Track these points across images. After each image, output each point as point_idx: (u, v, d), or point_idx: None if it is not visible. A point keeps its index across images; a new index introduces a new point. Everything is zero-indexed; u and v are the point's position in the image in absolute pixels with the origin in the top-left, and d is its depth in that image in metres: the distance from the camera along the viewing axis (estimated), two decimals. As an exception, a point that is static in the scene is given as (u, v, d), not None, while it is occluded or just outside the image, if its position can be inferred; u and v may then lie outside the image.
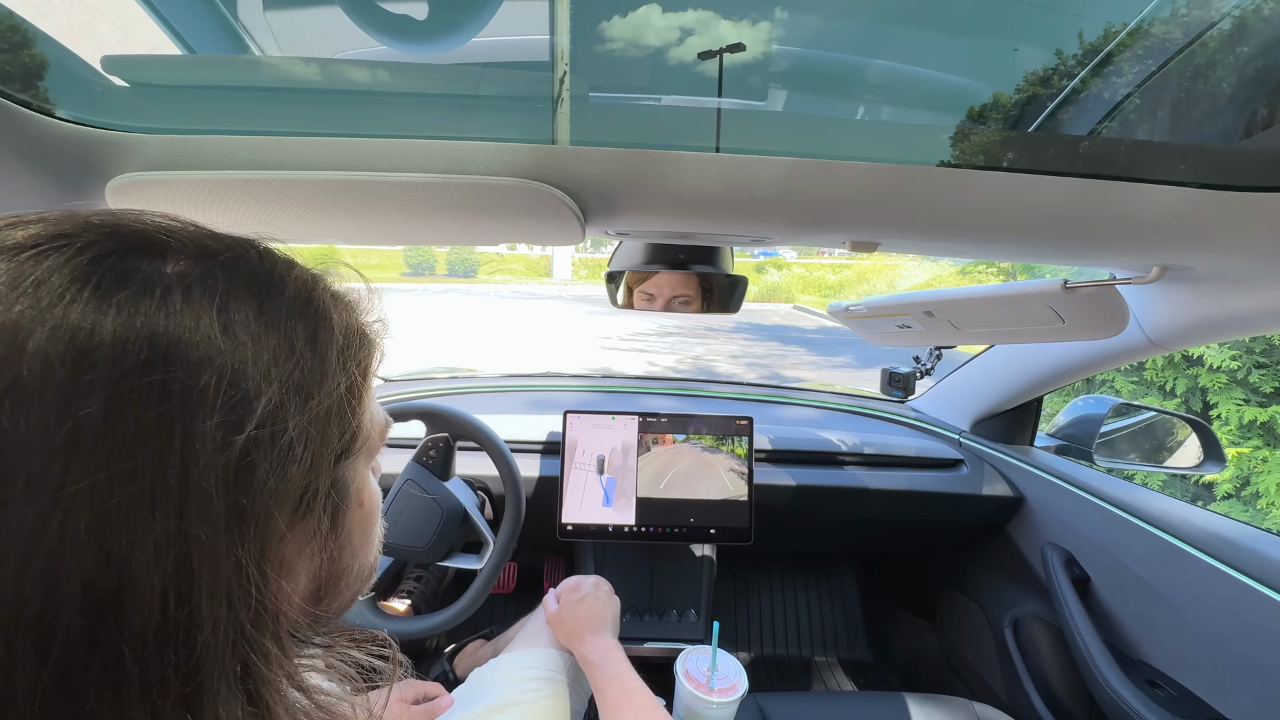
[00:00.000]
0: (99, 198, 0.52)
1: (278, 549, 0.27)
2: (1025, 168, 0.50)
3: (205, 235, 0.28)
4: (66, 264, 0.23)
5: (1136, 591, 0.97)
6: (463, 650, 1.23)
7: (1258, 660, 0.77)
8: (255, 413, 0.25)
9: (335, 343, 0.29)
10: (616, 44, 0.51)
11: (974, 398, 1.38)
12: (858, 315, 1.16)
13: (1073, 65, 0.57)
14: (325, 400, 0.28)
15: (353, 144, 0.49)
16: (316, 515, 0.29)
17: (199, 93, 0.49)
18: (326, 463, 0.29)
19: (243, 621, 0.24)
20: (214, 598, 0.23)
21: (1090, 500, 1.07)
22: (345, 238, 0.72)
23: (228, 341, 0.25)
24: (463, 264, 19.69)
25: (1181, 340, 0.83)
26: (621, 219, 0.60)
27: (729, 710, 0.80)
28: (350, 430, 0.30)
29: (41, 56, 0.45)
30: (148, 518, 0.22)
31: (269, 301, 0.27)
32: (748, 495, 1.17)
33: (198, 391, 0.23)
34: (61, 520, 0.21)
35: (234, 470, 0.24)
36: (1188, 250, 0.60)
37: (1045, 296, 0.79)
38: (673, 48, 0.52)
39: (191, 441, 0.23)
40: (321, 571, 0.31)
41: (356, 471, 0.33)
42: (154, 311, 0.23)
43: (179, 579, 0.23)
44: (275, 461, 0.25)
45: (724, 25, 0.49)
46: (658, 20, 0.49)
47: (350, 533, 0.33)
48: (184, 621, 0.23)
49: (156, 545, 0.22)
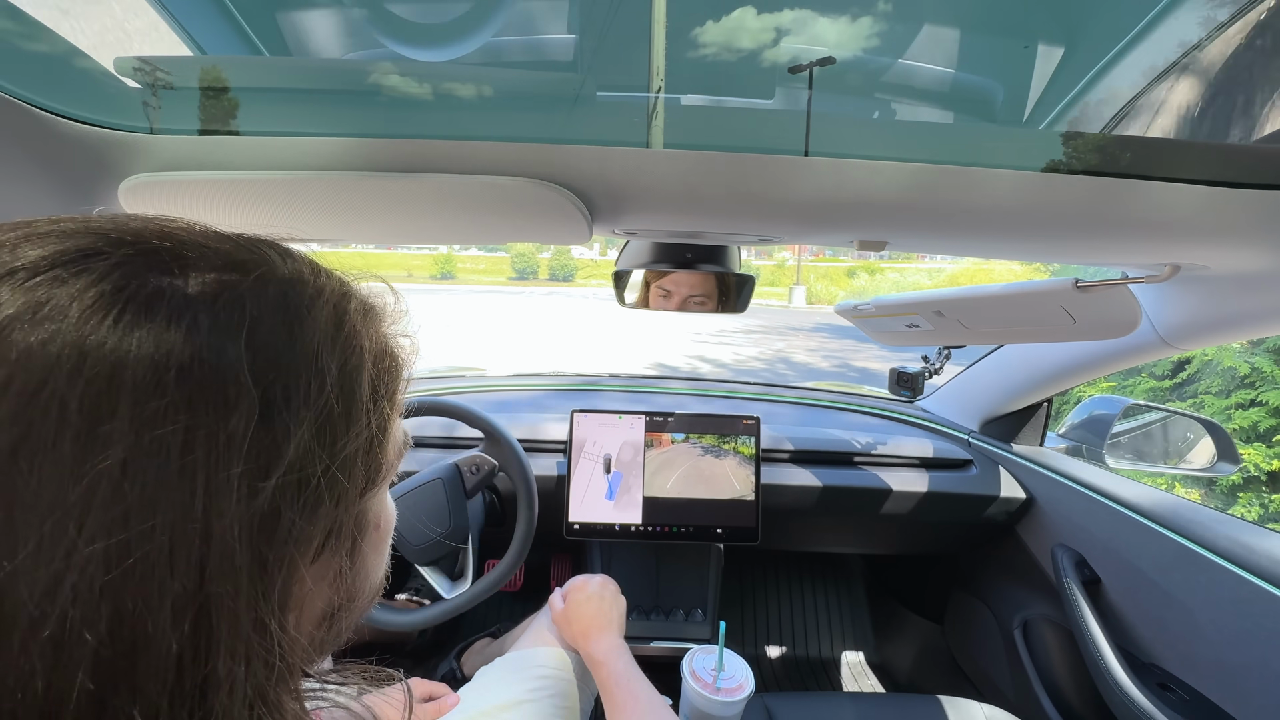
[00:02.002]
0: (112, 198, 0.53)
1: (297, 594, 0.25)
2: (1037, 166, 0.50)
3: (229, 242, 0.26)
4: (87, 289, 0.21)
5: (1148, 594, 0.96)
6: (470, 648, 1.24)
7: (1272, 664, 0.76)
8: (284, 458, 0.23)
9: (366, 372, 0.27)
10: (623, 43, 0.51)
11: (983, 398, 1.37)
12: (866, 314, 1.16)
13: (1085, 63, 0.56)
14: (355, 441, 0.26)
15: (362, 144, 0.49)
16: (339, 553, 0.28)
17: (211, 93, 0.50)
18: (352, 500, 0.27)
19: (260, 680, 0.23)
20: (233, 656, 0.22)
21: (1101, 501, 1.06)
22: (355, 236, 0.72)
23: (256, 375, 0.23)
24: (562, 269, 20.63)
25: (1195, 340, 0.82)
26: (628, 218, 0.60)
27: (735, 710, 0.80)
28: (376, 464, 0.29)
29: (55, 58, 0.46)
30: (166, 577, 0.20)
31: (299, 326, 0.25)
32: (754, 495, 1.17)
33: (225, 436, 0.22)
34: (75, 583, 0.19)
35: (259, 520, 0.22)
36: (1201, 248, 0.59)
37: (1056, 296, 0.79)
38: (681, 46, 0.52)
39: (216, 492, 0.21)
40: (336, 600, 0.29)
41: (377, 499, 0.31)
42: (180, 345, 0.21)
43: (196, 639, 0.21)
44: (301, 507, 0.24)
45: (720, 24, 0.49)
46: (660, 13, 0.49)
47: (366, 558, 0.31)
48: (200, 684, 0.21)
49: (174, 605, 0.20)
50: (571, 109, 0.49)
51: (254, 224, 0.30)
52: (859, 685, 1.64)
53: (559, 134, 0.49)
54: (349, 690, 0.31)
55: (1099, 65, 0.56)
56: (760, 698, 0.99)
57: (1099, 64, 0.56)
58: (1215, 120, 0.54)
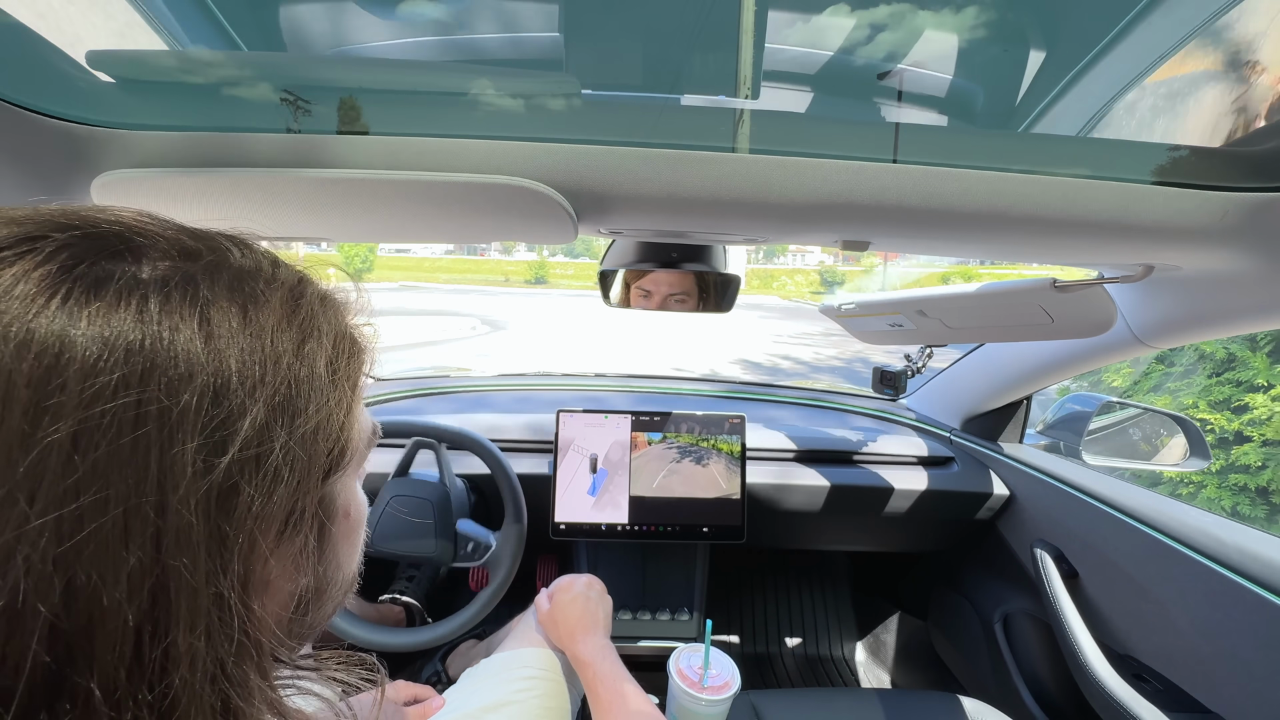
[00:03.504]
0: (84, 194, 0.51)
1: (261, 573, 0.25)
2: (1015, 167, 0.51)
3: (185, 233, 0.26)
4: (33, 271, 0.21)
5: (1124, 587, 0.98)
6: (455, 650, 1.23)
7: (1241, 654, 0.78)
8: (239, 433, 0.23)
9: (324, 352, 0.27)
10: (609, 41, 0.51)
11: (964, 396, 1.39)
12: (850, 314, 1.17)
13: (1063, 67, 0.57)
14: (314, 417, 0.26)
15: (343, 141, 0.48)
16: (303, 535, 0.27)
17: (186, 89, 0.49)
18: (314, 481, 0.27)
19: (222, 655, 0.23)
20: (192, 630, 0.22)
21: (1078, 497, 1.09)
22: (334, 235, 0.71)
23: (210, 355, 0.23)
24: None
25: (1168, 338, 0.84)
26: (613, 218, 0.60)
27: (722, 708, 0.81)
28: (339, 445, 0.29)
29: (26, 51, 0.45)
30: (120, 549, 0.20)
31: (254, 308, 0.25)
32: (740, 493, 1.18)
33: (177, 412, 0.22)
34: (26, 555, 0.19)
35: (216, 495, 0.22)
36: (1174, 250, 0.60)
37: (1035, 295, 0.80)
38: (668, 45, 0.52)
39: (170, 466, 0.21)
40: (305, 587, 0.29)
41: (344, 485, 0.31)
42: (129, 323, 0.21)
43: (154, 612, 0.21)
44: (260, 484, 0.24)
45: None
46: (649, 12, 0.49)
47: (336, 546, 0.31)
48: (159, 658, 0.21)
49: (130, 578, 0.21)
50: (557, 108, 0.49)
51: (229, 221, 0.29)
52: (845, 681, 1.66)
53: (544, 132, 0.49)
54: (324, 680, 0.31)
55: (1075, 69, 0.57)
56: (746, 695, 0.99)
57: (1076, 68, 0.57)
58: (1186, 124, 0.56)
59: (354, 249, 22.36)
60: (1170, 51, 0.53)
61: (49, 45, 0.45)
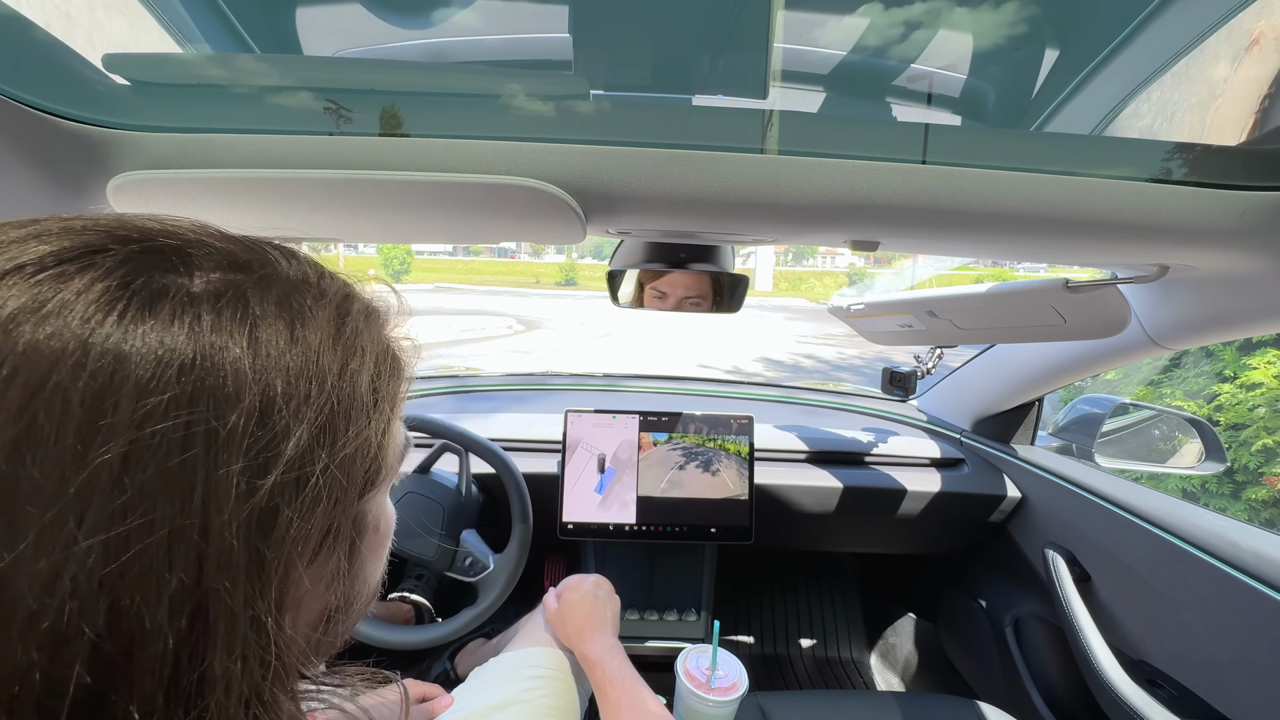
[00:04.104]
0: (100, 196, 0.52)
1: (294, 595, 0.25)
2: (1028, 166, 0.50)
3: (235, 244, 0.26)
4: (93, 285, 0.21)
5: (1137, 591, 0.96)
6: (463, 649, 1.24)
7: (1259, 660, 0.77)
8: (283, 456, 0.23)
9: (367, 372, 0.27)
10: (618, 42, 0.51)
11: (975, 397, 1.38)
12: (859, 314, 1.16)
13: (1076, 66, 0.57)
14: (354, 440, 0.26)
15: (354, 142, 0.49)
16: (337, 555, 0.28)
17: (201, 91, 0.49)
18: (351, 501, 0.27)
19: (257, 679, 0.23)
20: (229, 654, 0.22)
21: (1091, 500, 1.07)
22: (345, 236, 0.72)
23: (257, 375, 0.23)
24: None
25: (1183, 339, 0.83)
26: (622, 218, 0.60)
27: (729, 709, 0.80)
28: (376, 464, 0.29)
29: (43, 54, 0.45)
30: (164, 572, 0.21)
31: (301, 326, 0.25)
32: (748, 494, 1.17)
33: (225, 434, 0.22)
34: (74, 575, 0.19)
35: (257, 518, 0.23)
36: (1190, 249, 0.59)
37: (1047, 295, 0.79)
38: (677, 45, 0.52)
39: (214, 489, 0.21)
40: (333, 602, 0.29)
41: (377, 501, 0.31)
42: (182, 341, 0.22)
43: (193, 635, 0.21)
44: (300, 506, 0.24)
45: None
46: (661, 12, 0.49)
47: (364, 561, 0.31)
48: (196, 681, 0.21)
49: (172, 600, 0.21)
50: (565, 108, 0.49)
51: (245, 223, 0.30)
52: (853, 684, 1.65)
53: (552, 133, 0.49)
54: (345, 692, 0.31)
55: (1089, 68, 0.56)
56: (754, 697, 0.99)
57: (1089, 66, 0.56)
58: (1202, 122, 0.55)
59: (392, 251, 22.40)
60: (1186, 49, 0.52)
61: (66, 48, 0.45)
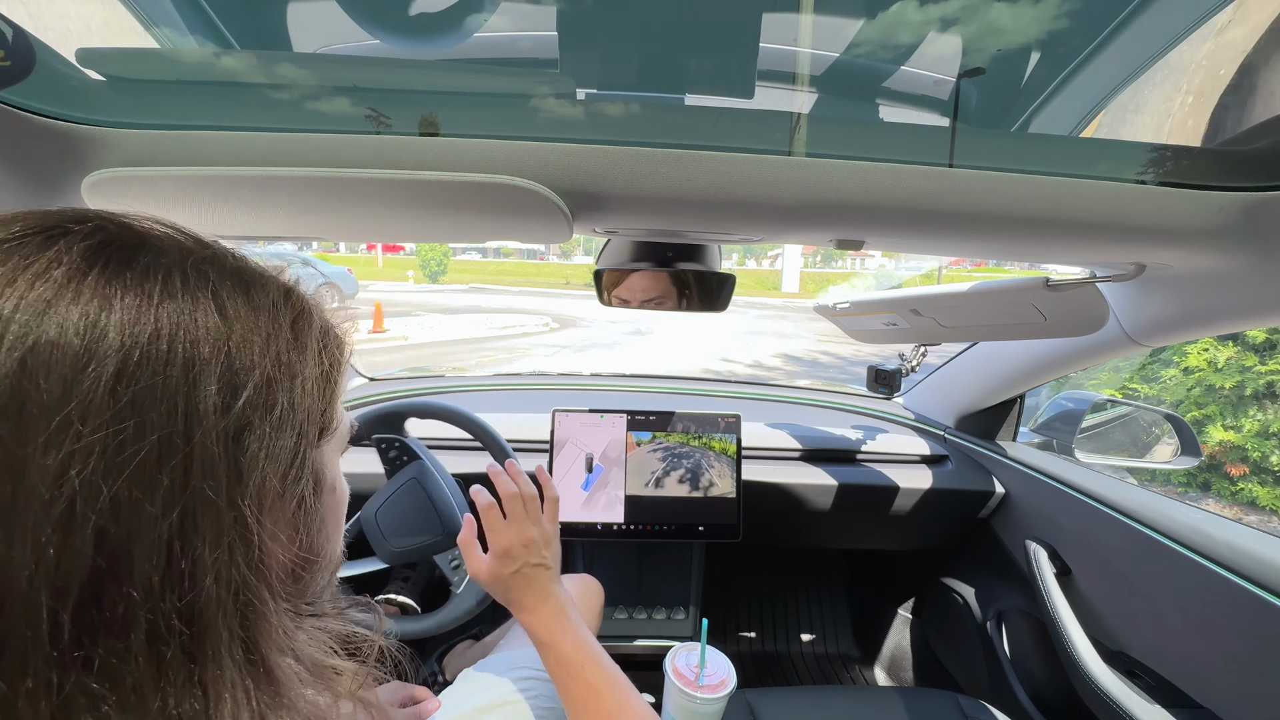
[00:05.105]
0: (75, 193, 0.51)
1: (270, 509, 0.29)
2: (1007, 167, 0.51)
3: (188, 237, 0.30)
4: (66, 253, 0.25)
5: (1116, 584, 0.98)
6: (451, 651, 1.23)
7: (1232, 649, 0.79)
8: (251, 382, 0.28)
9: (315, 330, 0.33)
10: (604, 41, 0.51)
11: (958, 394, 1.40)
12: (844, 313, 1.17)
13: (1055, 67, 0.58)
14: (308, 381, 0.31)
15: (335, 140, 0.48)
16: (301, 488, 0.32)
17: (179, 86, 0.48)
18: (310, 438, 0.32)
19: (243, 570, 0.27)
20: (216, 546, 0.26)
21: (1071, 495, 1.09)
22: (327, 235, 0.71)
23: (224, 323, 0.28)
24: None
25: (1160, 337, 0.85)
26: (609, 217, 0.60)
27: (718, 706, 0.81)
28: (328, 413, 0.34)
29: (14, 49, 0.44)
30: (156, 473, 0.24)
31: (255, 292, 0.30)
32: (736, 492, 1.18)
33: (200, 361, 0.26)
34: (79, 470, 0.23)
35: (233, 432, 0.27)
36: (1166, 249, 0.61)
37: (1028, 294, 0.81)
38: (663, 44, 0.52)
39: (195, 404, 0.26)
40: (300, 548, 0.33)
41: (330, 458, 0.36)
42: (159, 293, 0.26)
43: (184, 528, 0.25)
44: (269, 427, 0.28)
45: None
46: (648, 11, 0.49)
47: (325, 516, 0.36)
48: (188, 568, 0.25)
49: (164, 496, 0.25)
50: (551, 107, 0.49)
51: (224, 222, 0.30)
52: (840, 679, 1.67)
53: (539, 132, 0.49)
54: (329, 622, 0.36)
55: (1068, 69, 0.57)
56: (743, 694, 1.00)
57: (1068, 68, 0.57)
58: (1177, 124, 0.56)
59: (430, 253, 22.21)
60: (1162, 51, 0.53)
61: (39, 43, 0.44)
